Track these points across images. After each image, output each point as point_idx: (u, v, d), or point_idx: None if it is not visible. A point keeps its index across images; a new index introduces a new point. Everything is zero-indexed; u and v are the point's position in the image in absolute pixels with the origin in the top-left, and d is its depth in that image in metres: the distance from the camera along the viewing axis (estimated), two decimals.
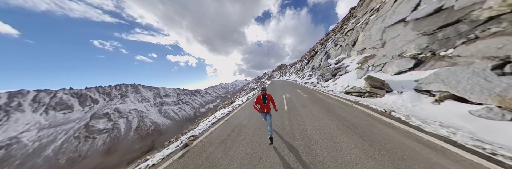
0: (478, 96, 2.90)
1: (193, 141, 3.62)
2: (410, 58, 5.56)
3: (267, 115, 2.99)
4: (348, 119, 3.54)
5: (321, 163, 2.01)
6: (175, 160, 2.80)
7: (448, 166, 1.66)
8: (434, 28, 5.31)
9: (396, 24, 7.60)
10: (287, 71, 57.31)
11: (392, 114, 3.43)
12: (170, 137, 70.55)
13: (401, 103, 4.12)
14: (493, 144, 1.94)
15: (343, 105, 4.95)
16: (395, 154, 1.99)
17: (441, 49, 4.90)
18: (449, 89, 3.38)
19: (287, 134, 3.13)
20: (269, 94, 3.12)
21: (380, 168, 1.76)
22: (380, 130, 2.78)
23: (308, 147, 2.48)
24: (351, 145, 2.39)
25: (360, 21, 14.85)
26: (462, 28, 4.49)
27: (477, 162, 1.68)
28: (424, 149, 2.03)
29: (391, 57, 6.71)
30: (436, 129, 2.46)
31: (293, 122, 3.83)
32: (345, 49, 14.97)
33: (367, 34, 10.95)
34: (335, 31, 28.38)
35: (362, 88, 6.06)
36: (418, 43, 5.71)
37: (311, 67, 24.20)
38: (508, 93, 2.51)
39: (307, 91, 9.61)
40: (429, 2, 6.12)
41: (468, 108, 2.92)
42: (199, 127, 5.12)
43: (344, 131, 2.92)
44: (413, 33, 6.22)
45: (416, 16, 6.21)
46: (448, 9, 5.04)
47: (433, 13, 5.53)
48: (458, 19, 4.63)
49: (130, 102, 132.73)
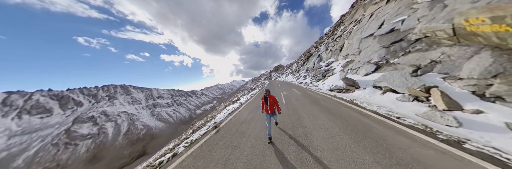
0: (401, 88, 4.90)
1: (219, 124, 5.16)
2: (373, 64, 7.70)
3: (273, 115, 3.14)
4: (325, 105, 5.51)
5: (306, 126, 3.80)
6: (212, 135, 4.17)
7: (369, 123, 3.50)
8: (388, 43, 7.51)
9: (368, 37, 9.87)
10: (284, 72, 59.69)
11: (354, 101, 5.38)
12: (164, 141, 68.66)
13: (363, 95, 6.12)
14: (394, 112, 3.87)
15: (325, 98, 6.96)
16: (345, 119, 3.89)
17: (392, 58, 7.06)
18: (389, 85, 5.39)
19: (286, 115, 4.95)
20: (272, 95, 3.14)
21: (336, 125, 3.59)
22: (342, 109, 4.76)
23: (299, 120, 4.28)
24: (323, 117, 4.28)
25: (347, 29, 17.41)
26: (403, 44, 6.68)
27: (381, 120, 3.56)
28: (360, 116, 3.96)
29: (363, 63, 8.87)
30: (372, 107, 4.41)
31: (290, 109, 5.76)
32: (334, 53, 17.36)
33: (350, 42, 13.32)
34: (328, 35, 31.21)
35: (341, 86, 8.08)
36: (379, 53, 7.89)
37: (306, 68, 26.54)
38: (414, 86, 4.51)
39: (300, 89, 11.67)
40: (388, 23, 8.41)
41: (396, 96, 4.92)
42: (218, 116, 6.84)
43: (321, 111, 4.84)
44: (377, 45, 8.43)
45: (380, 33, 8.46)
46: (397, 30, 7.27)
47: (389, 32, 7.77)
48: (401, 38, 6.84)
49: (119, 104, 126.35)
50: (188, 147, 3.77)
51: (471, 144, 2.23)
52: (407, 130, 2.89)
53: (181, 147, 3.87)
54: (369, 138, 2.77)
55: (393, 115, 3.69)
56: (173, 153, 3.56)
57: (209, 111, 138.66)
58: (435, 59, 4.88)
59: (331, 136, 2.99)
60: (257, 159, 2.60)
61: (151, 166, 3.21)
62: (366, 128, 3.22)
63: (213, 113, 11.31)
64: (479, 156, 2.00)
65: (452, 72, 4.22)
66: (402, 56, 6.46)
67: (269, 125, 3.05)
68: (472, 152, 2.07)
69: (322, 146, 2.68)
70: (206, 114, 61.78)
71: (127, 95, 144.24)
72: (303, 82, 17.85)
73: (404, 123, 3.23)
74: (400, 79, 4.95)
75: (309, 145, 2.76)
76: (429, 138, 2.52)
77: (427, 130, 2.79)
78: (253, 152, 2.86)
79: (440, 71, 4.57)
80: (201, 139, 4.16)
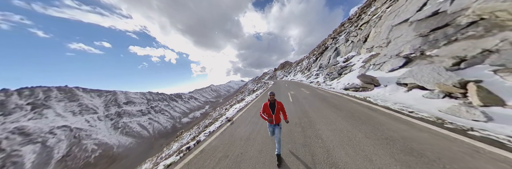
0: (431, 84, 4.48)
1: (232, 118, 5.94)
2: (403, 57, 7.18)
3: (276, 127, 2.66)
4: (334, 102, 5.57)
5: (311, 116, 4.40)
6: (228, 126, 4.94)
7: (374, 115, 3.68)
8: (428, 31, 6.89)
9: (402, 23, 9.16)
10: (292, 70, 58.84)
11: (367, 99, 5.03)
12: (131, 164, 51.77)
13: (382, 93, 5.71)
14: (411, 108, 3.78)
15: (336, 96, 6.94)
16: (350, 112, 4.12)
17: (429, 49, 6.47)
18: (416, 81, 4.95)
19: (293, 111, 5.22)
20: (279, 101, 2.75)
21: (339, 116, 3.85)
22: (350, 105, 4.83)
23: (305, 113, 4.73)
24: (328, 110, 4.56)
25: (377, 12, 16.29)
26: (449, 31, 6.08)
27: (389, 113, 3.71)
28: (367, 110, 4.15)
29: (390, 56, 8.32)
30: (385, 104, 4.38)
31: (297, 106, 6.06)
32: (356, 45, 16.55)
33: (378, 31, 12.53)
34: (351, 21, 29.37)
35: (357, 84, 7.59)
36: (413, 44, 7.30)
37: (318, 65, 25.75)
38: (447, 81, 4.01)
39: (310, 89, 11.68)
40: (432, 3, 7.62)
41: (422, 93, 4.44)
42: (228, 113, 7.55)
43: (327, 107, 4.98)
44: (412, 34, 7.79)
45: (418, 17, 7.78)
46: (443, 13, 6.59)
47: (431, 16, 7.11)
48: (447, 23, 6.21)
49: (54, 115, 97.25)
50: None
51: (482, 132, 2.38)
52: (413, 120, 3.14)
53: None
54: (368, 124, 3.25)
55: (406, 109, 3.68)
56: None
57: (200, 118, 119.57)
58: (490, 48, 4.38)
59: (332, 123, 3.69)
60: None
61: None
62: (369, 118, 3.55)
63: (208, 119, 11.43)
64: (479, 139, 2.28)
65: (510, 63, 3.63)
66: (443, 46, 5.91)
67: (278, 141, 2.57)
68: (475, 137, 2.34)
69: (323, 128, 3.51)
70: (196, 122, 45.64)
71: (71, 101, 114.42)
72: (314, 81, 17.38)
73: (414, 116, 3.32)
74: (431, 74, 4.55)
75: (312, 128, 3.60)
76: (431, 126, 2.80)
77: (437, 121, 2.95)
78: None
79: (494, 62, 4.11)
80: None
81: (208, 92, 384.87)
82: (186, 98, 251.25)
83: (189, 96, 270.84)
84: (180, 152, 3.66)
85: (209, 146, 3.51)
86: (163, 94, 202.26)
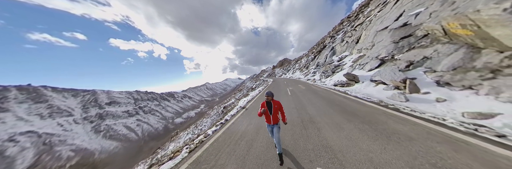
0: (388, 81, 6.60)
1: (245, 106, 8.18)
2: (379, 59, 9.22)
3: (274, 127, 2.77)
4: (322, 95, 7.82)
5: (304, 103, 6.44)
6: (243, 113, 6.79)
7: (345, 101, 5.89)
8: (398, 38, 8.94)
9: (383, 30, 11.23)
10: (290, 68, 60.79)
11: (346, 92, 7.15)
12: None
13: (359, 87, 7.85)
14: (371, 96, 5.94)
15: (325, 90, 9.18)
16: (331, 100, 6.34)
17: (397, 54, 8.55)
18: (381, 78, 7.04)
19: (291, 101, 7.28)
20: (276, 101, 2.87)
21: (322, 102, 5.98)
22: (333, 96, 7.08)
23: (300, 102, 6.82)
24: (316, 99, 6.69)
25: (371, 14, 18.31)
26: (411, 40, 8.15)
27: (355, 99, 5.83)
28: (342, 98, 6.35)
29: (371, 58, 10.40)
30: (356, 94, 6.47)
31: (295, 98, 8.08)
32: (350, 46, 18.67)
33: (367, 34, 14.64)
34: (350, 20, 31.48)
35: (344, 81, 9.69)
36: (388, 49, 9.36)
37: (316, 63, 27.85)
38: (397, 79, 6.13)
39: (306, 85, 13.94)
40: (406, 15, 9.68)
41: (383, 87, 6.55)
42: (240, 103, 9.75)
43: (316, 97, 7.19)
44: (389, 40, 9.85)
45: (394, 26, 9.85)
46: (409, 25, 8.63)
47: (402, 26, 9.18)
48: (410, 34, 8.25)
49: (14, 119, 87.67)
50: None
51: (395, 107, 4.57)
52: (366, 103, 5.38)
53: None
54: (337, 105, 5.53)
55: (367, 97, 5.89)
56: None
57: (195, 118, 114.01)
58: (427, 55, 6.43)
59: (317, 106, 5.94)
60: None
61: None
62: (341, 102, 5.80)
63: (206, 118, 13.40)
64: (393, 109, 4.46)
65: (433, 66, 5.77)
66: (406, 52, 8.00)
67: (278, 141, 2.64)
68: (388, 107, 4.67)
69: (311, 108, 5.73)
70: (191, 122, 47.46)
71: (37, 103, 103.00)
72: (311, 79, 19.41)
73: (369, 100, 5.58)
74: (390, 74, 6.60)
75: (303, 109, 5.72)
76: (374, 105, 5.04)
77: (375, 101, 5.31)
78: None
79: (427, 66, 6.19)
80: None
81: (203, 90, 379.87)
82: (179, 97, 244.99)
83: (183, 95, 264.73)
84: (217, 125, 5.65)
85: (237, 120, 5.61)
86: (153, 92, 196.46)
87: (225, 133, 4.55)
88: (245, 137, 3.87)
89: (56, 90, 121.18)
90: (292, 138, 3.39)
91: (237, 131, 4.47)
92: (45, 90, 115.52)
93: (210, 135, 4.60)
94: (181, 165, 3.11)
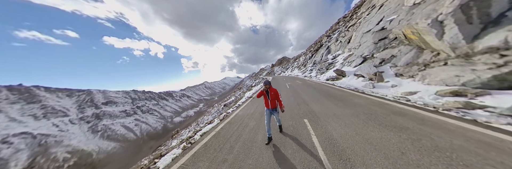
0: (365, 74, 8.53)
1: (252, 96, 10.04)
2: (362, 58, 11.19)
3: (273, 111, 3.09)
4: (314, 87, 9.92)
5: (299, 92, 8.49)
6: (250, 101, 8.66)
7: (331, 90, 7.96)
8: (377, 40, 10.92)
9: (368, 32, 13.20)
10: (289, 66, 62.84)
11: (334, 84, 9.12)
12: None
13: (345, 81, 9.84)
14: (350, 86, 7.94)
15: (318, 84, 11.27)
16: (321, 89, 8.45)
17: (375, 53, 10.53)
18: (361, 73, 9.01)
19: (289, 92, 9.33)
20: (274, 89, 3.11)
21: (313, 91, 8.10)
22: (323, 87, 9.22)
23: (296, 92, 8.88)
24: (309, 90, 8.87)
25: (362, 16, 20.38)
26: (386, 42, 10.12)
27: (339, 88, 7.89)
28: (330, 88, 8.43)
29: (357, 56, 12.39)
30: (340, 85, 8.55)
31: (292, 89, 10.27)
32: (343, 45, 20.70)
33: (356, 35, 16.64)
34: (345, 20, 33.76)
35: (334, 76, 11.67)
36: (370, 49, 11.36)
37: (313, 62, 29.88)
38: (371, 72, 8.09)
39: (302, 81, 16.10)
40: (385, 20, 11.69)
41: (362, 79, 8.53)
42: (247, 94, 11.58)
43: (312, 89, 9.20)
44: (371, 41, 11.85)
45: (375, 29, 11.82)
46: (385, 29, 10.62)
47: (381, 30, 11.15)
48: (385, 37, 10.24)
49: (7, 120, 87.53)
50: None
51: (363, 91, 6.51)
52: (345, 90, 7.40)
53: None
54: (324, 92, 7.50)
55: (346, 87, 7.81)
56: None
57: (194, 117, 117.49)
58: (394, 54, 8.40)
59: (309, 94, 7.98)
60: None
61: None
62: (328, 91, 7.80)
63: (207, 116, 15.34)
64: (361, 92, 6.45)
65: (396, 63, 7.75)
66: (382, 51, 9.94)
67: (268, 123, 3.11)
68: (358, 91, 6.63)
69: (304, 95, 7.90)
70: (190, 121, 46.31)
71: (30, 103, 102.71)
72: (308, 75, 21.40)
73: (347, 88, 7.65)
74: (367, 69, 8.56)
75: (299, 96, 7.78)
76: (350, 90, 7.08)
77: (352, 89, 7.27)
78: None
79: (393, 62, 8.13)
80: None
81: (201, 89, 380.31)
82: (177, 96, 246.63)
83: (181, 94, 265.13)
84: (232, 107, 7.49)
85: (247, 106, 7.49)
86: (151, 92, 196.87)
87: (241, 110, 6.54)
88: (257, 112, 5.78)
89: (50, 90, 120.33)
90: (290, 110, 5.31)
91: (250, 109, 6.43)
92: (37, 90, 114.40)
93: (230, 113, 6.47)
94: (220, 125, 4.97)
